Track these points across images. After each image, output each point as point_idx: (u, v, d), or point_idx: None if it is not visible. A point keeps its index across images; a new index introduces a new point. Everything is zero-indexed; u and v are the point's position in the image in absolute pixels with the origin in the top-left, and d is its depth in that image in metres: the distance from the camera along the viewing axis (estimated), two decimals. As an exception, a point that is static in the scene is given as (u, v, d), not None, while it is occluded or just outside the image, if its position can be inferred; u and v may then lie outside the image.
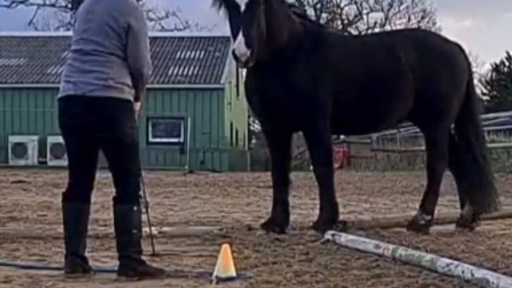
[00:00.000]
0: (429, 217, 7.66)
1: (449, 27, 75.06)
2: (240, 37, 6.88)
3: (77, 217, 5.44)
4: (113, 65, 5.24)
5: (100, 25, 5.28)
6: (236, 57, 6.91)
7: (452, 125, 8.02)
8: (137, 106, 5.52)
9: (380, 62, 7.62)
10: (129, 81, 5.29)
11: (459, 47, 8.16)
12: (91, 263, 5.77)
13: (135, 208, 5.28)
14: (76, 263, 5.32)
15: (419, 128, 8.48)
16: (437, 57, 7.76)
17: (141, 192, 5.39)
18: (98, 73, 5.22)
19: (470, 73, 8.13)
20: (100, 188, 14.28)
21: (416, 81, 7.58)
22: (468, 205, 7.91)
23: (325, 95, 7.39)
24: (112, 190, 5.39)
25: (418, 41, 7.83)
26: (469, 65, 8.18)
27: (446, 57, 7.83)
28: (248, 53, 6.87)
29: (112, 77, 5.21)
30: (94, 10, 5.36)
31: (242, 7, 7.00)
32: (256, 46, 6.97)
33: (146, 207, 5.49)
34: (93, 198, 5.57)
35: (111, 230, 7.37)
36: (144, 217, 5.53)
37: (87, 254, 6.14)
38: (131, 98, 5.33)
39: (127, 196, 5.28)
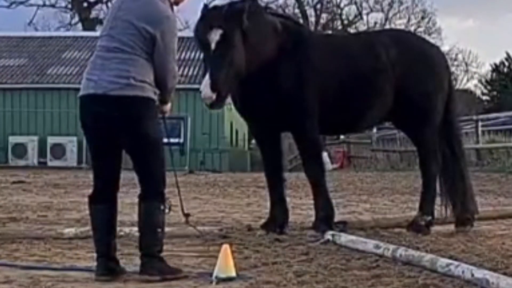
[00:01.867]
0: (429, 218, 7.65)
1: (451, 27, 75.09)
2: (207, 79, 6.68)
3: (105, 219, 5.34)
4: (136, 63, 5.17)
5: (128, 25, 5.22)
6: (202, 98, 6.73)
7: None
8: (167, 107, 5.52)
9: (360, 60, 7.61)
10: (151, 79, 5.21)
11: (438, 48, 8.27)
12: (91, 263, 5.78)
13: (162, 207, 5.22)
14: (108, 266, 5.24)
15: (406, 132, 8.38)
16: (417, 57, 7.77)
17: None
18: (120, 71, 5.15)
19: (450, 74, 8.16)
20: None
21: (397, 80, 7.58)
22: (460, 206, 7.89)
23: (310, 95, 7.37)
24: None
25: (398, 40, 7.84)
26: (447, 66, 8.22)
27: (426, 57, 7.84)
28: (214, 96, 6.68)
29: (133, 75, 5.14)
30: (125, 8, 5.30)
31: (212, 46, 6.79)
32: (225, 89, 6.79)
33: (169, 207, 5.39)
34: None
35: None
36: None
37: (89, 255, 6.17)
38: (153, 96, 5.25)
39: (154, 195, 5.22)
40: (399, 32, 9.62)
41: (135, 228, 5.55)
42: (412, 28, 53.61)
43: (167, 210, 5.31)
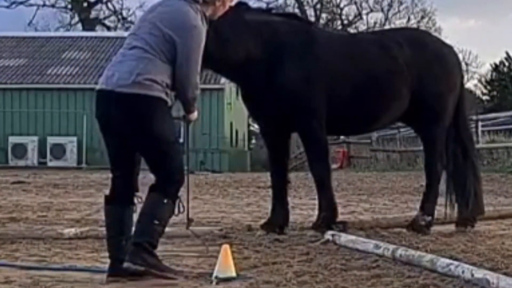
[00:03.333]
0: (429, 218, 7.65)
1: (453, 27, 74.95)
2: None
3: (120, 221, 5.22)
4: (150, 62, 5.08)
5: (153, 27, 5.18)
6: None
7: None
8: (193, 116, 5.45)
9: (376, 61, 7.57)
10: (162, 80, 5.08)
11: (451, 48, 8.21)
12: (91, 263, 5.78)
13: (165, 201, 5.06)
14: (118, 268, 5.10)
15: (415, 129, 8.39)
16: (432, 58, 7.75)
17: (180, 194, 5.17)
18: (131, 68, 5.07)
19: (462, 75, 8.16)
20: (100, 189, 14.30)
21: (412, 81, 7.57)
22: (465, 206, 7.88)
23: (318, 95, 7.36)
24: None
25: (414, 40, 7.81)
26: (460, 66, 8.21)
27: (440, 58, 7.82)
28: None
29: (142, 72, 5.05)
30: (156, 12, 5.29)
31: None
32: None
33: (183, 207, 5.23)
34: (92, 199, 5.54)
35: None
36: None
37: (89, 255, 6.17)
38: (163, 96, 5.10)
39: (164, 188, 5.07)
40: (414, 32, 9.53)
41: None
42: (412, 28, 53.57)
43: (176, 211, 5.16)
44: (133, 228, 5.19)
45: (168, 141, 5.13)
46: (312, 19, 53.21)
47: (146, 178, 5.45)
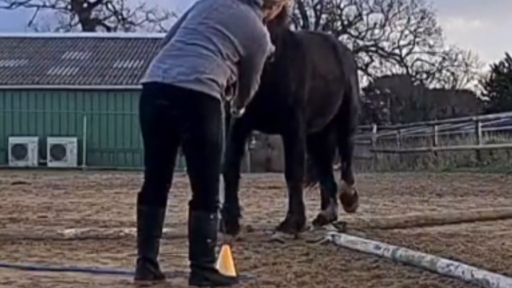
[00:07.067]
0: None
1: (457, 28, 74.86)
2: None
3: (152, 221, 5.09)
4: (213, 62, 4.91)
5: (216, 28, 5.01)
6: None
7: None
8: (242, 111, 5.57)
9: (330, 62, 7.50)
10: (221, 81, 4.95)
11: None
12: (91, 264, 5.78)
13: (212, 216, 4.90)
14: (147, 269, 5.00)
15: (338, 136, 8.20)
16: (352, 60, 8.10)
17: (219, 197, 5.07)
18: (195, 64, 4.87)
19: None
20: (100, 189, 14.31)
21: (345, 84, 7.61)
22: (330, 206, 7.80)
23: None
24: (109, 192, 5.34)
25: (341, 44, 8.11)
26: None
27: (354, 60, 8.22)
28: None
29: (207, 71, 4.87)
30: (222, 13, 5.09)
31: None
32: None
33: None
34: (92, 199, 5.53)
35: (111, 231, 7.41)
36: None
37: (89, 256, 6.16)
38: (219, 97, 4.96)
39: (205, 203, 4.90)
40: (327, 34, 9.69)
41: (135, 229, 5.53)
42: (412, 28, 53.79)
43: (219, 216, 5.03)
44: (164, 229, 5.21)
45: (217, 145, 4.96)
46: (312, 19, 53.33)
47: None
